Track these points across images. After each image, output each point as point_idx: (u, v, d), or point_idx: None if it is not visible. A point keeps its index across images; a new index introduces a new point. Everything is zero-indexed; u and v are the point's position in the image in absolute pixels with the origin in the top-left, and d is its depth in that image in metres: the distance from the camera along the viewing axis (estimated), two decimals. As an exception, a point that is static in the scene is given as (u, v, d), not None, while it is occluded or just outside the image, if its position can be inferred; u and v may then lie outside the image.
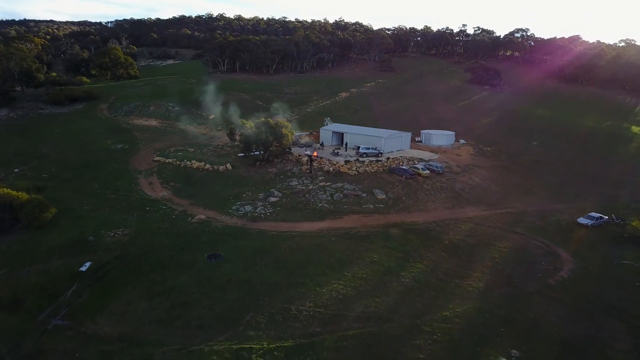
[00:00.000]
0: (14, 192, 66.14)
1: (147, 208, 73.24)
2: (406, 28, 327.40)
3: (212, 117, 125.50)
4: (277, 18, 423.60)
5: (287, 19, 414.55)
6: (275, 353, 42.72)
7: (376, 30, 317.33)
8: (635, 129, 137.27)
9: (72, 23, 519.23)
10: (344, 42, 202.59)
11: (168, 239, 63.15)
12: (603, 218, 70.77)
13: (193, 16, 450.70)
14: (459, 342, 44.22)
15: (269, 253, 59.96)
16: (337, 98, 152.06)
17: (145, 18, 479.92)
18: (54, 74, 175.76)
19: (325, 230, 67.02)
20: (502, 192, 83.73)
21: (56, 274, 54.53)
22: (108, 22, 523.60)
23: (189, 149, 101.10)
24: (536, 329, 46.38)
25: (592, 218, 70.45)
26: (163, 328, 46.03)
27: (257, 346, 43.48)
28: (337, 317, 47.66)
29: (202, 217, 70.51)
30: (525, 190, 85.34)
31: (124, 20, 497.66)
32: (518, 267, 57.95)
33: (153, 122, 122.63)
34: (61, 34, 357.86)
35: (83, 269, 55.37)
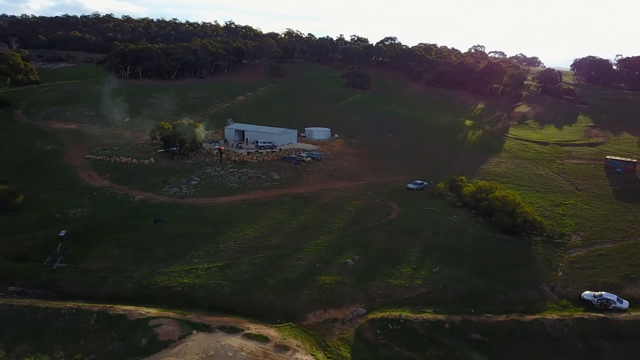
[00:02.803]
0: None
1: (94, 193, 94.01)
2: (293, 32, 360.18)
3: (127, 119, 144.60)
4: (167, 20, 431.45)
5: (178, 21, 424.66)
6: (212, 269, 68.84)
7: (266, 35, 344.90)
8: (467, 122, 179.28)
9: None
10: (237, 50, 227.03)
11: (119, 212, 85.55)
12: (424, 183, 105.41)
13: (79, 16, 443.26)
14: (324, 254, 73.76)
15: (198, 217, 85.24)
16: (235, 101, 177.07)
17: (20, 15, 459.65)
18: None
19: (237, 201, 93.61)
20: (362, 171, 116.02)
21: (42, 238, 74.95)
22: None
23: (114, 148, 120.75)
24: (370, 245, 77.42)
25: (416, 184, 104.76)
26: (135, 262, 69.88)
27: (201, 266, 69.28)
28: (250, 249, 74.84)
29: (141, 197, 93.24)
30: (378, 169, 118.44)
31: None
32: (364, 214, 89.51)
33: (72, 126, 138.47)
34: None
35: (62, 234, 76.03)
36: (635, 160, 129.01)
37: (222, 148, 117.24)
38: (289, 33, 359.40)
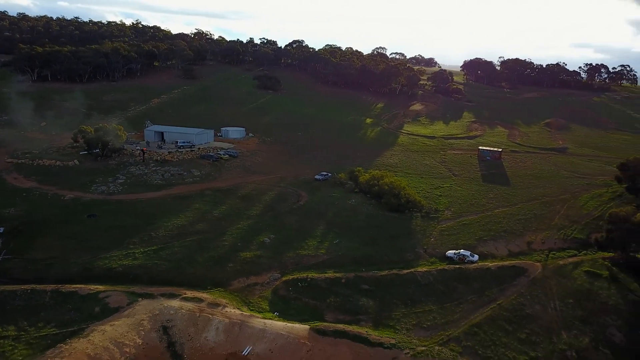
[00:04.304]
0: None
1: (24, 194, 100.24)
2: (203, 33, 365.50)
3: (43, 124, 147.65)
4: (68, 19, 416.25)
5: (80, 20, 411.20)
6: (148, 252, 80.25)
7: (175, 35, 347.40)
8: (368, 120, 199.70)
9: None
10: (149, 52, 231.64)
11: (54, 210, 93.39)
12: (328, 174, 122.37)
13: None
14: (245, 235, 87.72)
15: (128, 211, 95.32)
16: (150, 104, 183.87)
17: None
18: None
19: (163, 196, 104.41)
20: (275, 166, 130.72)
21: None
22: None
23: (34, 151, 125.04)
24: (283, 226, 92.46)
25: (322, 175, 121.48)
26: (77, 252, 79.32)
27: (137, 251, 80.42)
28: (179, 234, 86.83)
29: (71, 195, 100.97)
30: (289, 164, 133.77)
31: None
32: (278, 202, 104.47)
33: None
34: None
35: (0, 231, 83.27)
36: (501, 150, 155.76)
37: (144, 149, 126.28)
38: (199, 34, 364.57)
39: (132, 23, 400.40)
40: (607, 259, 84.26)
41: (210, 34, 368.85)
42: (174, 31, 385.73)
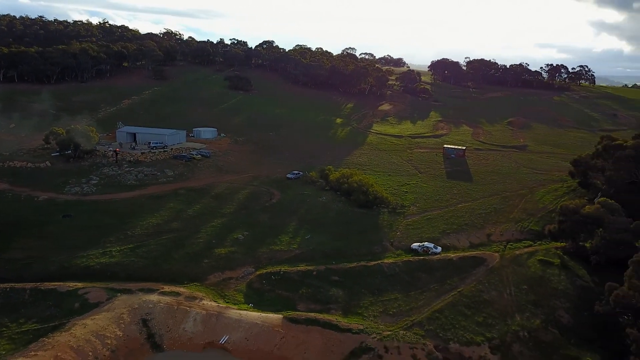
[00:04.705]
0: None
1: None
2: (172, 33, 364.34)
3: (12, 125, 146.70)
4: (32, 17, 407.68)
5: (45, 19, 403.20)
6: (125, 250, 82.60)
7: (144, 35, 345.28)
8: (338, 120, 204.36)
9: None
10: (118, 53, 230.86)
11: (28, 211, 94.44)
12: (300, 173, 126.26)
13: None
14: (219, 233, 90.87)
15: (103, 211, 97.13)
16: (121, 105, 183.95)
17: None
18: None
19: (137, 196, 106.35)
20: (247, 165, 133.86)
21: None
22: None
23: (4, 153, 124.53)
24: (256, 223, 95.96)
25: (294, 174, 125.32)
26: (56, 250, 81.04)
27: (114, 249, 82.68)
28: (155, 233, 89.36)
29: (45, 197, 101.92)
30: (261, 163, 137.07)
31: None
32: (251, 200, 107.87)
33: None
34: None
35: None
36: (465, 148, 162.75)
37: (117, 150, 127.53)
38: (169, 34, 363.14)
39: (100, 22, 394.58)
40: (559, 249, 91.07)
41: (180, 34, 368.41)
42: (142, 31, 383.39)
